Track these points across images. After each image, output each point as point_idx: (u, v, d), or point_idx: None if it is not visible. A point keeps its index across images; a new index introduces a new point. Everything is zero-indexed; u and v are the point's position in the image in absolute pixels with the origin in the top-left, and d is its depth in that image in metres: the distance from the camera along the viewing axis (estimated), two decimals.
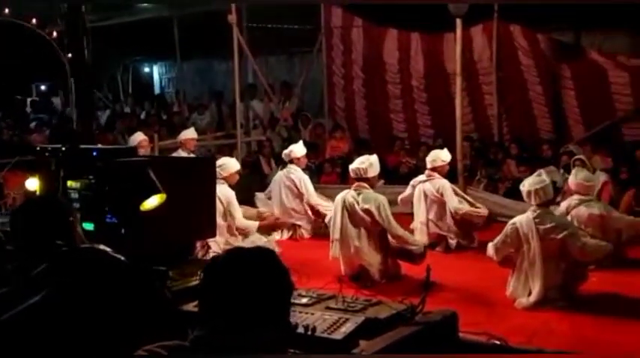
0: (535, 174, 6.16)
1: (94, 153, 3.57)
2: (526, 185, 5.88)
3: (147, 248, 3.40)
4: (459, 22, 8.73)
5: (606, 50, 10.25)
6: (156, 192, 3.34)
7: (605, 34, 10.54)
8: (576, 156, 8.46)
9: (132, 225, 3.38)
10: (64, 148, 3.54)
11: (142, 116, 15.04)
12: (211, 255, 4.97)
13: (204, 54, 15.04)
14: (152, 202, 3.36)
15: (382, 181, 9.88)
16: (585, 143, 9.71)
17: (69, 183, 3.58)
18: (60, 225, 2.53)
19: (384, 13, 11.44)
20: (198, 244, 5.54)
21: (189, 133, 9.34)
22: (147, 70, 19.07)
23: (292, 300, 3.27)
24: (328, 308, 3.05)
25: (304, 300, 3.15)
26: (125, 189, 3.35)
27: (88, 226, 3.58)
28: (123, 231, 3.39)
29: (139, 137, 8.56)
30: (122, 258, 2.30)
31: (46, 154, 3.49)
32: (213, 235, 4.33)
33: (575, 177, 6.90)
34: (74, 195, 3.60)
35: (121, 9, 13.96)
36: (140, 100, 16.56)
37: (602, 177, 8.24)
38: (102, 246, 2.35)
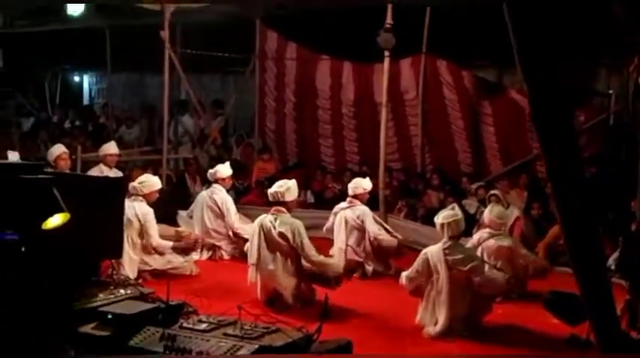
0: (449, 207, 6.39)
1: None
2: (440, 218, 6.09)
3: (48, 267, 3.37)
4: (386, 54, 9.01)
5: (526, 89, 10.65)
6: (59, 210, 3.31)
7: None
8: (492, 192, 8.75)
9: (33, 243, 3.33)
10: None
11: (67, 126, 14.70)
12: (122, 275, 4.90)
13: (137, 67, 14.87)
14: (55, 221, 3.33)
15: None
16: (503, 179, 10.06)
17: None
18: None
19: (318, 40, 11.64)
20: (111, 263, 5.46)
21: (108, 149, 8.88)
22: (77, 79, 18.66)
23: (192, 326, 3.32)
24: (226, 334, 3.09)
25: (203, 326, 3.18)
26: (28, 207, 3.30)
27: None
28: (23, 248, 3.34)
29: (57, 150, 8.26)
30: None
31: None
32: (119, 256, 4.30)
33: (490, 213, 7.18)
34: None
35: (53, 16, 13.65)
36: (67, 109, 16.20)
37: (515, 213, 8.57)
38: None
